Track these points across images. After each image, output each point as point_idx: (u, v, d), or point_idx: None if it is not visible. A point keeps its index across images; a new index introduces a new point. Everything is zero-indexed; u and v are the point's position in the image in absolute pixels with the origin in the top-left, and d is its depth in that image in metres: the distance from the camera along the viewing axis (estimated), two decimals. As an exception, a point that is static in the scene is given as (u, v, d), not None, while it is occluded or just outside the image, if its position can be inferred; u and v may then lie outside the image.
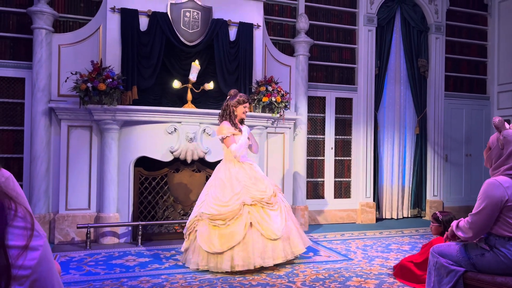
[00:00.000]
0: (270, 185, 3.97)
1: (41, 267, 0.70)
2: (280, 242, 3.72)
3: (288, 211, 3.98)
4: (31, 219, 0.71)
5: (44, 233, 0.76)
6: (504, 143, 2.29)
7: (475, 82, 7.15)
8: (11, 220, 0.68)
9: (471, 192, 6.83)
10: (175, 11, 4.95)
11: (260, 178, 3.97)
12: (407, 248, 4.68)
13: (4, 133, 4.79)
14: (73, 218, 4.68)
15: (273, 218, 3.78)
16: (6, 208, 0.69)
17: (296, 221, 4.05)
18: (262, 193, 3.84)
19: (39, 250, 0.70)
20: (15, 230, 0.68)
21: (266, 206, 3.80)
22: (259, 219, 3.72)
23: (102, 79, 4.44)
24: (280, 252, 3.71)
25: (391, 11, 6.44)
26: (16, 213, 0.69)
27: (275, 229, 3.71)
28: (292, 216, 4.01)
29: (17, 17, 4.85)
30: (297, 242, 3.84)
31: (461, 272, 2.37)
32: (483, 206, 2.23)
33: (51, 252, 0.75)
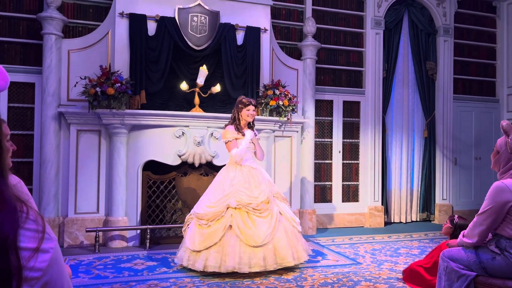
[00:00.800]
0: (266, 191, 3.84)
1: (51, 269, 0.71)
2: (260, 250, 3.59)
3: (283, 220, 3.82)
4: (42, 222, 0.72)
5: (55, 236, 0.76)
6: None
7: (484, 85, 7.09)
8: (23, 223, 0.69)
9: (481, 196, 6.74)
10: (182, 16, 4.98)
11: (257, 183, 3.86)
12: (416, 252, 4.64)
13: (14, 137, 4.84)
14: (82, 221, 4.71)
15: (258, 224, 3.67)
16: (18, 211, 0.70)
17: (293, 232, 3.85)
18: (251, 198, 3.75)
19: (50, 252, 0.71)
20: (26, 232, 0.69)
21: (252, 212, 3.70)
22: (240, 223, 3.65)
23: (111, 83, 4.48)
24: (258, 261, 3.57)
25: (398, 14, 6.42)
26: (28, 216, 0.70)
27: (256, 236, 3.60)
28: (287, 227, 3.82)
29: (27, 23, 4.91)
30: (285, 254, 3.67)
31: (472, 276, 2.34)
32: (488, 208, 2.26)
33: (62, 255, 0.76)
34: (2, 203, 0.68)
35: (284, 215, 3.87)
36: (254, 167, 3.99)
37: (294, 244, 3.78)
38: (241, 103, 4.00)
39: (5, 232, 0.66)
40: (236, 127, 3.98)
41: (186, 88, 4.89)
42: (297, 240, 3.84)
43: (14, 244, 0.66)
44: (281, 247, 3.67)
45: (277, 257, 3.65)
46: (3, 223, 0.66)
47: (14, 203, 0.70)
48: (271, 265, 3.63)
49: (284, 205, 3.99)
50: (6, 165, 0.74)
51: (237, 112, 4.02)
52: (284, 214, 3.89)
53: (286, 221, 3.85)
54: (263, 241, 3.60)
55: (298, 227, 3.92)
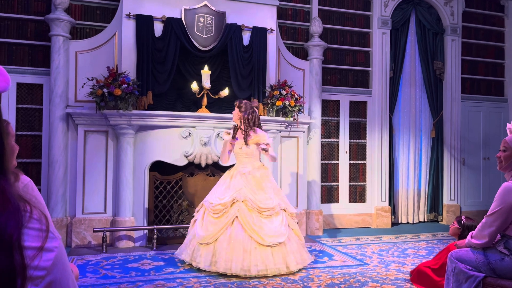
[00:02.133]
0: (274, 199, 3.84)
1: (56, 268, 0.71)
2: (269, 250, 3.64)
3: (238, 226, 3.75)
4: (46, 221, 0.72)
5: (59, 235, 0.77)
6: None
7: (493, 84, 7.03)
8: (27, 222, 0.69)
9: (489, 196, 6.69)
10: (189, 17, 5.00)
11: (260, 190, 3.86)
12: (424, 253, 4.61)
13: (23, 138, 4.88)
14: (90, 222, 4.74)
15: (263, 224, 3.70)
16: (22, 210, 0.70)
17: (297, 240, 3.89)
18: (217, 199, 3.82)
19: (54, 251, 0.72)
20: (30, 232, 0.69)
21: (256, 210, 3.73)
22: (246, 215, 3.69)
23: (118, 84, 4.50)
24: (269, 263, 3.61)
25: (405, 14, 6.38)
26: (32, 215, 0.71)
27: (263, 234, 3.64)
28: (293, 235, 3.86)
29: (35, 25, 4.95)
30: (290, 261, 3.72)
31: (480, 277, 2.32)
32: (498, 209, 2.25)
33: (66, 254, 0.76)
34: (5, 202, 0.68)
35: (242, 223, 3.73)
36: (243, 172, 3.93)
37: (299, 251, 3.83)
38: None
39: (9, 231, 0.66)
40: (233, 132, 4.09)
41: (197, 89, 4.87)
42: (302, 248, 3.90)
43: (18, 243, 0.66)
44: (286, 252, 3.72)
45: (281, 261, 3.67)
46: (7, 222, 0.66)
47: (18, 203, 0.70)
48: (273, 268, 3.63)
49: (292, 221, 3.96)
50: (9, 165, 0.74)
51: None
52: (292, 228, 3.89)
53: (293, 234, 3.87)
54: (270, 242, 3.63)
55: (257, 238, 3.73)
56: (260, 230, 3.66)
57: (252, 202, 3.74)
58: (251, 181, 3.88)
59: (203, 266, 3.67)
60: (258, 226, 3.68)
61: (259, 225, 3.68)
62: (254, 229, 3.65)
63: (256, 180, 3.89)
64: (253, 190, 3.83)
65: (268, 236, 3.65)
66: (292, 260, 3.71)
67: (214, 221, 3.75)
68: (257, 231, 3.64)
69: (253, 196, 3.79)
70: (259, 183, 3.89)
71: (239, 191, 3.80)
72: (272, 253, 3.65)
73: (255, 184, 3.87)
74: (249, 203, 3.73)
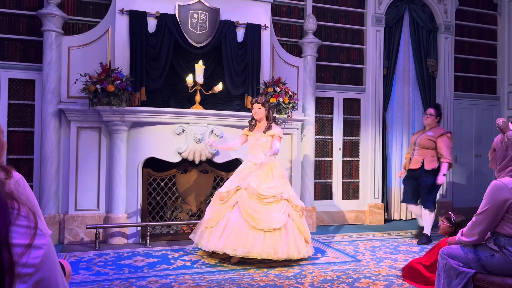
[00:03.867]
0: (278, 188, 4.02)
1: (45, 266, 0.71)
2: (261, 234, 3.81)
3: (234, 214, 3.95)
4: (34, 218, 0.72)
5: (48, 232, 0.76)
6: (508, 144, 2.29)
7: (485, 82, 7.08)
8: (14, 219, 0.69)
9: (481, 193, 6.68)
10: (183, 13, 4.97)
11: (267, 179, 4.07)
12: (416, 250, 4.65)
13: (15, 134, 4.85)
14: (82, 218, 4.72)
15: (264, 210, 3.90)
16: (9, 207, 0.70)
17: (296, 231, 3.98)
18: (262, 185, 3.99)
19: (43, 248, 0.71)
20: (18, 229, 0.69)
21: (256, 196, 3.93)
22: (247, 202, 3.91)
23: (111, 80, 4.48)
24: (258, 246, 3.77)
25: (399, 11, 6.40)
26: (19, 212, 0.71)
27: (258, 218, 3.84)
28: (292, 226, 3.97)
29: (27, 20, 4.90)
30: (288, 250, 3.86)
31: (471, 274, 2.35)
32: (487, 208, 2.27)
33: (55, 251, 0.76)
34: None
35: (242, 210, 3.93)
36: (256, 163, 4.17)
37: (295, 242, 3.92)
38: (251, 103, 4.36)
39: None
40: (251, 126, 4.32)
41: (191, 83, 4.84)
42: (299, 240, 3.99)
43: (6, 241, 0.66)
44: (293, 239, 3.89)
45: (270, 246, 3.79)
46: None
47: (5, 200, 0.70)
48: (260, 251, 3.76)
49: (295, 213, 4.07)
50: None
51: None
52: (293, 219, 4.01)
53: (292, 224, 3.98)
54: (264, 226, 3.82)
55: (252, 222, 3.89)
56: (255, 214, 3.87)
57: (253, 189, 3.96)
58: (260, 170, 4.11)
59: (204, 247, 3.95)
60: (254, 210, 3.90)
61: (255, 210, 3.90)
62: (250, 213, 3.87)
63: (265, 170, 4.12)
64: (260, 178, 4.05)
65: (262, 221, 3.84)
66: (283, 248, 3.82)
67: (219, 207, 4.01)
68: (252, 214, 3.87)
69: (257, 184, 4.00)
70: (268, 173, 4.12)
71: (244, 179, 4.05)
72: (264, 237, 3.82)
73: (263, 173, 4.10)
74: (250, 189, 3.96)
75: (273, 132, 4.23)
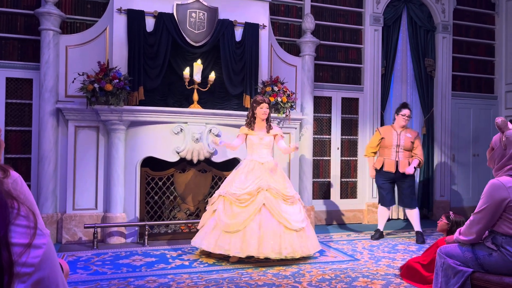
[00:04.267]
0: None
1: (44, 265, 0.71)
2: (294, 234, 3.91)
3: (266, 214, 3.97)
4: (34, 218, 0.72)
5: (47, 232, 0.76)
6: (507, 144, 2.30)
7: (483, 82, 7.10)
8: (14, 219, 0.69)
9: (479, 192, 6.71)
10: (181, 12, 4.97)
11: (260, 176, 4.10)
12: (414, 249, 4.66)
13: (12, 133, 4.83)
14: (80, 218, 4.71)
15: (288, 210, 3.99)
16: (9, 207, 0.69)
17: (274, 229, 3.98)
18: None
19: (43, 248, 0.71)
20: (18, 229, 0.69)
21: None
22: (273, 202, 3.96)
23: (109, 79, 4.47)
24: (295, 246, 3.89)
25: (397, 11, 6.41)
26: (19, 212, 0.70)
27: (289, 219, 3.92)
28: (270, 222, 3.96)
29: (25, 19, 4.89)
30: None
31: (468, 272, 2.36)
32: (485, 207, 2.27)
33: (55, 251, 0.76)
34: None
35: (269, 209, 3.95)
36: (261, 162, 4.20)
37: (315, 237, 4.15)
38: (256, 102, 4.27)
39: None
40: (249, 125, 4.28)
41: (188, 77, 4.82)
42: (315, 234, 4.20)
43: (6, 240, 0.66)
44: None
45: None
46: None
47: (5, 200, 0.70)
48: (299, 251, 3.90)
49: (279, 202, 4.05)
50: None
51: (252, 110, 4.30)
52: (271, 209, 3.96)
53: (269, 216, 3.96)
54: (295, 226, 3.93)
55: (288, 224, 3.96)
56: (287, 215, 3.95)
57: (276, 190, 4.01)
58: (270, 170, 4.16)
59: (234, 252, 3.82)
60: (285, 211, 3.97)
61: (285, 211, 3.97)
62: (282, 215, 3.93)
63: (275, 170, 4.19)
64: (274, 178, 4.11)
65: (294, 221, 3.96)
66: (311, 245, 4.03)
67: (240, 210, 3.94)
68: (285, 216, 3.93)
69: (275, 184, 4.05)
70: (278, 173, 4.19)
71: (262, 180, 4.05)
72: (297, 237, 3.94)
73: (274, 173, 4.16)
74: (273, 190, 4.00)
75: (275, 131, 4.32)
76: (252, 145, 4.26)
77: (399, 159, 5.02)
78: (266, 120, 4.31)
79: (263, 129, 4.29)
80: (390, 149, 5.04)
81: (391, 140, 5.05)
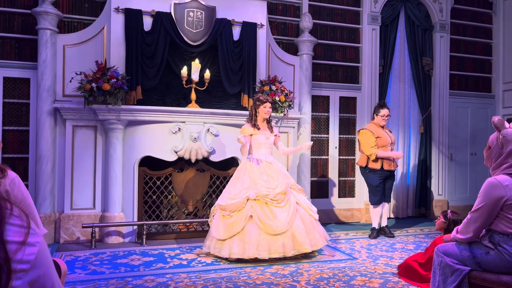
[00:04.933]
0: (283, 183, 4.12)
1: (40, 263, 0.72)
2: (279, 238, 3.90)
3: (300, 210, 4.10)
4: (26, 218, 0.74)
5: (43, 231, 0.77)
6: (504, 142, 2.31)
7: (480, 81, 7.11)
8: (8, 218, 0.70)
9: (476, 191, 6.71)
10: (178, 11, 4.96)
11: (274, 176, 4.16)
12: (412, 248, 4.67)
13: (10, 133, 4.82)
14: (78, 217, 4.71)
15: (276, 214, 3.97)
16: (3, 207, 0.71)
17: (310, 220, 4.11)
18: (269, 189, 4.04)
19: (37, 246, 0.72)
20: (12, 227, 0.70)
21: (270, 203, 4.00)
22: (260, 213, 3.95)
23: (107, 79, 4.46)
24: (277, 248, 3.89)
25: (395, 10, 6.42)
26: (12, 212, 0.72)
27: (275, 225, 3.90)
28: (304, 216, 4.09)
29: (22, 18, 4.88)
30: (303, 241, 3.96)
31: (466, 271, 2.36)
32: (482, 205, 2.27)
33: (49, 251, 0.77)
34: None
35: (300, 205, 4.14)
36: (269, 161, 4.27)
37: (311, 231, 4.06)
38: (259, 101, 4.29)
39: None
40: (253, 124, 4.28)
41: (185, 76, 4.82)
42: (313, 228, 4.12)
43: (1, 238, 0.67)
44: (299, 234, 3.96)
45: (295, 243, 3.93)
46: None
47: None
48: (289, 251, 3.91)
49: (301, 195, 4.27)
50: None
51: (255, 109, 4.31)
52: (301, 204, 4.16)
53: (303, 211, 4.13)
54: (281, 229, 3.89)
55: (315, 215, 4.21)
56: (274, 219, 3.93)
57: (264, 196, 4.00)
58: (269, 169, 4.18)
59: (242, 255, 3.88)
60: (272, 216, 3.95)
61: (272, 216, 3.95)
62: (267, 222, 3.91)
63: (274, 168, 4.21)
64: (269, 177, 4.12)
65: (280, 222, 3.92)
66: (306, 242, 3.97)
67: (228, 221, 3.97)
68: (270, 224, 3.91)
69: (266, 184, 4.05)
70: (276, 171, 4.20)
71: (253, 187, 4.04)
72: (285, 237, 3.92)
73: (272, 172, 4.17)
74: (261, 199, 4.00)
75: (276, 131, 4.43)
76: (259, 145, 4.28)
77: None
78: (267, 120, 4.35)
79: (266, 129, 4.34)
80: (386, 147, 5.06)
81: (387, 138, 5.08)
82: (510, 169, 2.26)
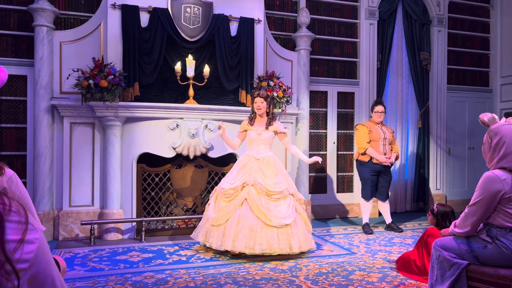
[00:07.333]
0: (283, 184, 4.04)
1: (39, 260, 0.71)
2: (274, 231, 3.83)
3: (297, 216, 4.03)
4: (25, 212, 0.72)
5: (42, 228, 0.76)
6: (492, 136, 2.35)
7: (478, 75, 7.12)
8: (6, 215, 0.69)
9: (474, 186, 6.71)
10: (175, 7, 4.94)
11: (271, 173, 4.08)
12: (410, 242, 4.69)
13: (7, 130, 4.81)
14: (77, 214, 4.71)
15: (272, 206, 3.92)
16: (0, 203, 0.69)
17: (303, 225, 4.06)
18: (266, 183, 3.99)
19: (36, 243, 0.71)
20: (10, 225, 0.69)
21: (265, 193, 3.94)
22: (255, 198, 3.90)
23: (104, 75, 4.44)
24: (273, 243, 3.81)
25: (392, 4, 6.40)
26: (10, 208, 0.70)
27: (270, 215, 3.85)
28: (299, 221, 4.02)
29: (18, 15, 4.85)
30: (293, 243, 3.90)
31: (464, 265, 2.38)
32: (479, 199, 2.29)
33: (48, 246, 0.76)
34: None
35: (299, 213, 4.06)
36: (257, 158, 4.17)
37: (305, 233, 4.01)
38: (252, 97, 4.31)
39: None
40: (250, 120, 4.30)
41: (179, 71, 4.81)
42: (307, 233, 4.08)
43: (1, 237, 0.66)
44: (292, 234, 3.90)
45: (285, 242, 3.85)
46: None
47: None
48: (277, 248, 3.82)
49: (296, 202, 4.12)
50: None
51: (252, 105, 4.32)
52: (301, 214, 4.08)
53: (299, 218, 4.04)
54: (277, 223, 3.84)
55: (309, 226, 4.16)
56: (268, 211, 3.88)
57: (261, 186, 3.96)
58: (264, 166, 4.11)
59: (215, 246, 3.89)
60: (266, 208, 3.89)
61: (266, 207, 3.90)
62: (262, 211, 3.87)
63: (269, 166, 4.13)
64: (265, 174, 4.05)
65: (275, 218, 3.86)
66: (296, 243, 3.89)
67: (225, 204, 3.96)
68: (265, 212, 3.86)
69: (263, 180, 4.00)
70: (271, 168, 4.12)
71: (250, 175, 4.02)
72: (278, 234, 3.85)
73: (267, 169, 4.10)
74: (258, 186, 3.96)
75: (276, 128, 4.26)
76: (251, 141, 4.27)
77: (386, 151, 5.20)
78: (267, 115, 4.30)
79: (263, 125, 4.28)
80: (378, 142, 5.18)
81: (379, 133, 5.20)
82: (502, 161, 2.29)
